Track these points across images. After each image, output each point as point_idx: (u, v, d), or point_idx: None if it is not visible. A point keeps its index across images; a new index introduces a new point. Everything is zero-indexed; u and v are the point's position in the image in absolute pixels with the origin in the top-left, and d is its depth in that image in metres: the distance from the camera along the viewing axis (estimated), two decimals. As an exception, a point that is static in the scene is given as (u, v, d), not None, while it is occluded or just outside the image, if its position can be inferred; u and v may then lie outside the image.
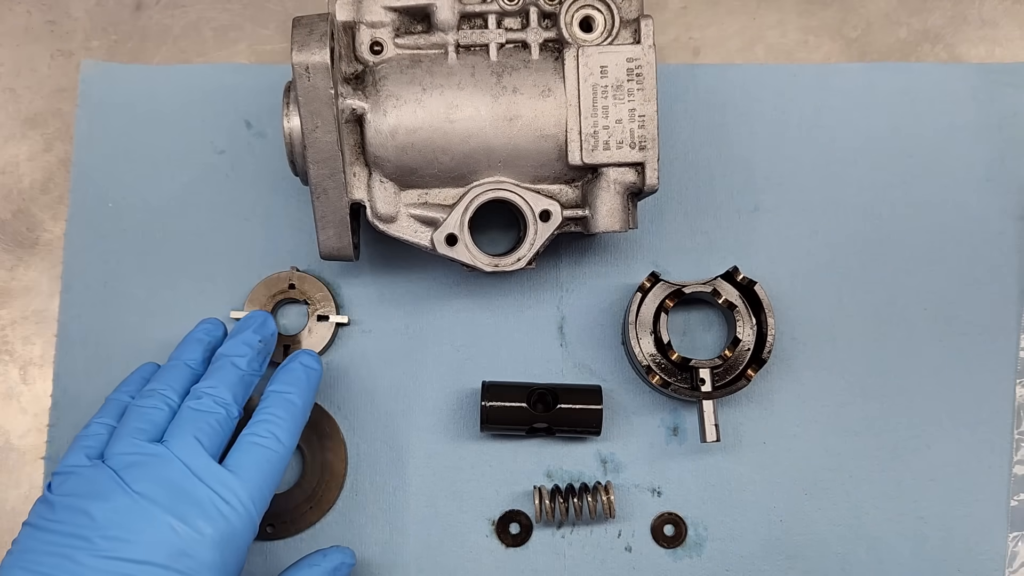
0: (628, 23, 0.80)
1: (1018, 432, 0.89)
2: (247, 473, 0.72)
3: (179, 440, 0.72)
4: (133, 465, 0.71)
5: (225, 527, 0.70)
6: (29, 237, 0.92)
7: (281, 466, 0.75)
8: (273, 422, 0.75)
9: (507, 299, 0.91)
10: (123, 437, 0.73)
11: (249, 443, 0.74)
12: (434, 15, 0.79)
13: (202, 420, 0.74)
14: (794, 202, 0.92)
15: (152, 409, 0.75)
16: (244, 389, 0.78)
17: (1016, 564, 0.87)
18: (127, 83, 0.93)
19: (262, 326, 0.81)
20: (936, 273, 0.91)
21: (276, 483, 0.75)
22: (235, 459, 0.73)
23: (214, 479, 0.71)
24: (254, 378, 0.79)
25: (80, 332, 0.90)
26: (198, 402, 0.75)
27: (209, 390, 0.76)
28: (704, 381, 0.85)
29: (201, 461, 0.72)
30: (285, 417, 0.76)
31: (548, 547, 0.88)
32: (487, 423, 0.85)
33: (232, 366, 0.78)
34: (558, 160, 0.80)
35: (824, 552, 0.88)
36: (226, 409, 0.75)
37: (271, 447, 0.74)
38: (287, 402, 0.77)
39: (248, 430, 0.75)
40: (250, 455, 0.74)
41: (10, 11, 0.95)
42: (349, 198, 0.80)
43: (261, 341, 0.80)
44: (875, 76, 0.94)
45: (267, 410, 0.76)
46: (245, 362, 0.78)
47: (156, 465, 0.71)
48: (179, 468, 0.71)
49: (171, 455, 0.71)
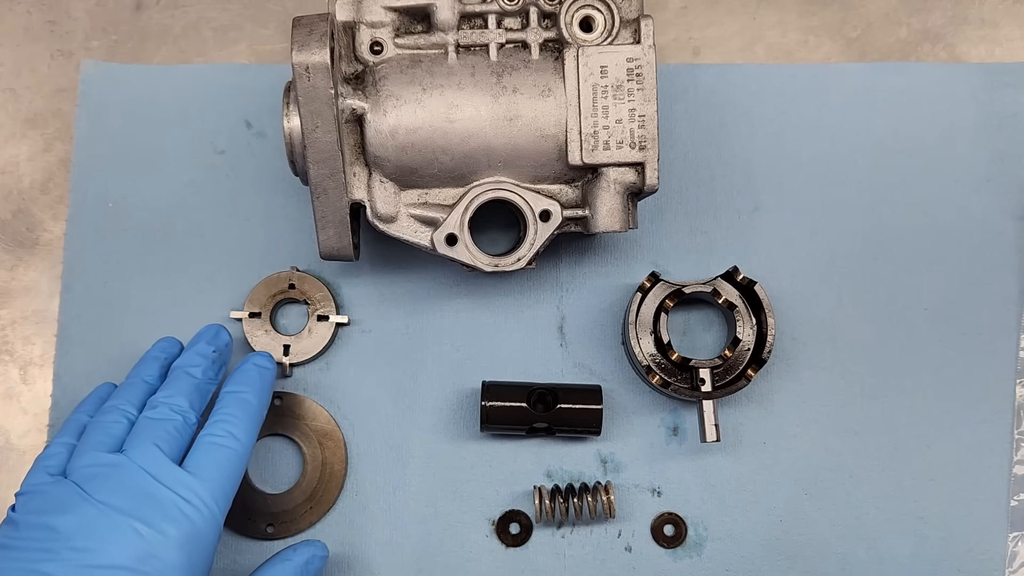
0: (628, 23, 0.80)
1: (1018, 432, 0.89)
2: (207, 473, 0.73)
3: (138, 448, 0.73)
4: (94, 477, 0.72)
5: (189, 527, 0.71)
6: (29, 237, 0.92)
7: (241, 464, 0.75)
8: (229, 421, 0.76)
9: (507, 299, 0.91)
10: (83, 451, 0.74)
11: (207, 443, 0.75)
12: (434, 15, 0.79)
13: (160, 428, 0.75)
14: (794, 202, 0.92)
15: (112, 423, 0.76)
16: (200, 397, 0.79)
17: (1016, 564, 0.87)
18: (127, 83, 0.93)
19: (215, 337, 0.83)
20: (936, 273, 0.91)
21: (237, 481, 0.75)
22: (194, 460, 0.74)
23: (175, 481, 0.72)
24: (210, 386, 0.80)
25: (80, 332, 0.90)
26: (155, 411, 0.76)
27: (165, 399, 0.77)
28: (704, 381, 0.85)
29: (161, 465, 0.72)
30: (241, 416, 0.77)
31: (548, 547, 0.88)
32: (487, 423, 0.85)
33: (187, 375, 0.79)
34: (558, 160, 0.80)
35: (824, 552, 0.88)
36: (183, 416, 0.76)
37: (229, 445, 0.75)
38: (242, 401, 0.78)
39: (205, 431, 0.76)
40: (209, 455, 0.74)
41: (10, 11, 0.95)
42: (349, 198, 0.80)
43: (215, 351, 0.82)
44: (875, 76, 0.94)
45: (223, 410, 0.77)
46: (200, 371, 0.79)
47: (117, 474, 0.72)
48: (140, 474, 0.72)
49: (131, 463, 0.72)
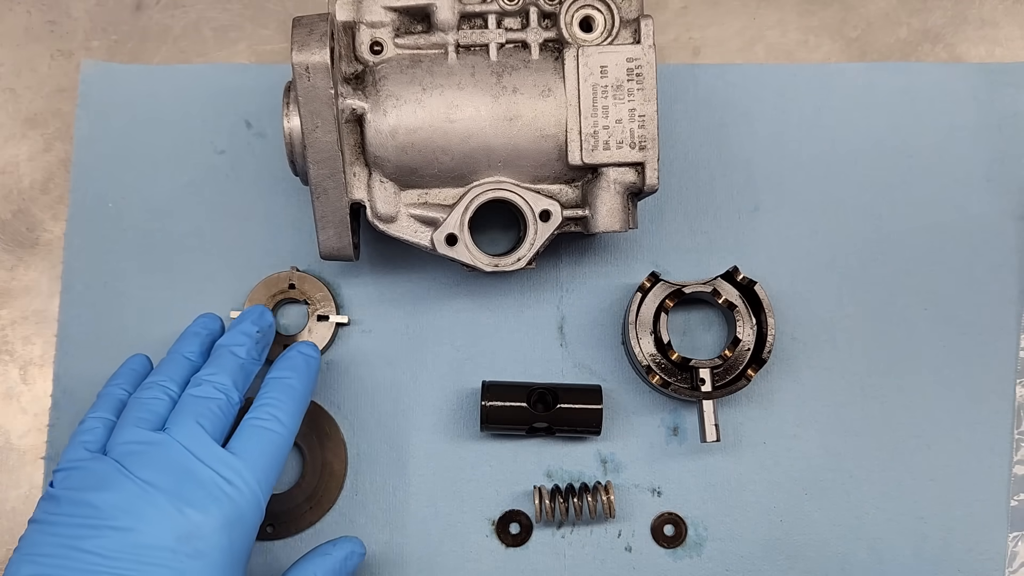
0: (628, 23, 0.80)
1: (1018, 432, 0.89)
2: (251, 455, 0.72)
3: (181, 426, 0.72)
4: (135, 454, 0.71)
5: (231, 509, 0.70)
6: (29, 237, 0.92)
7: (284, 448, 0.75)
8: (274, 405, 0.75)
9: (507, 299, 0.91)
10: (125, 427, 0.73)
11: (251, 426, 0.74)
12: (434, 15, 0.79)
13: (203, 406, 0.74)
14: (794, 202, 0.92)
15: (153, 400, 0.75)
16: (244, 377, 0.78)
17: (1016, 564, 0.87)
18: (127, 83, 0.93)
19: (260, 317, 0.82)
20: (936, 273, 0.91)
21: (280, 466, 0.75)
22: (238, 442, 0.73)
23: (218, 462, 0.71)
24: (254, 366, 0.79)
25: (80, 332, 0.90)
26: (198, 388, 0.75)
27: (209, 377, 0.76)
28: (704, 381, 0.85)
29: (204, 445, 0.72)
30: (286, 400, 0.76)
31: (548, 547, 0.88)
32: (487, 423, 0.85)
33: (231, 355, 0.78)
34: (558, 160, 0.80)
35: (824, 552, 0.88)
36: (227, 395, 0.75)
37: (273, 429, 0.74)
38: (287, 386, 0.77)
39: (250, 414, 0.75)
40: (253, 437, 0.74)
41: (10, 11, 0.95)
42: (349, 198, 0.80)
43: (259, 331, 0.80)
44: (875, 76, 0.94)
45: (268, 395, 0.76)
46: (244, 351, 0.78)
47: (159, 452, 0.71)
48: (182, 453, 0.71)
49: (173, 441, 0.71)
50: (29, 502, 0.88)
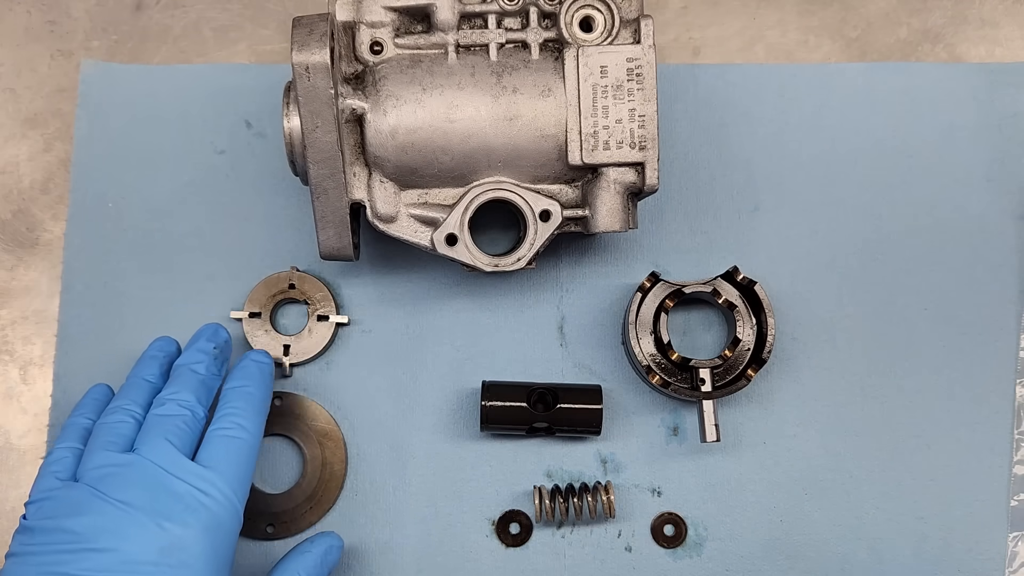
0: (628, 23, 0.80)
1: (1018, 432, 0.89)
2: (221, 464, 0.73)
3: (150, 445, 0.73)
4: (108, 476, 0.72)
5: (210, 518, 0.71)
6: (29, 237, 0.92)
7: (252, 454, 0.76)
8: (237, 414, 0.76)
9: (507, 299, 0.91)
10: (94, 452, 0.74)
11: (218, 436, 0.75)
12: (434, 15, 0.79)
13: (169, 423, 0.75)
14: (794, 202, 0.92)
15: (119, 423, 0.76)
16: (206, 392, 0.79)
17: (1016, 564, 0.87)
18: (127, 83, 0.93)
19: (215, 334, 0.83)
20: (936, 273, 0.91)
21: (251, 470, 0.76)
22: (207, 453, 0.74)
23: (190, 474, 0.72)
24: (214, 381, 0.80)
25: (80, 332, 0.90)
26: (162, 408, 0.76)
27: (172, 396, 0.77)
28: (704, 381, 0.85)
29: (175, 460, 0.72)
30: (246, 408, 0.77)
31: (548, 547, 0.88)
32: (487, 423, 0.85)
33: (191, 372, 0.79)
34: (558, 160, 0.80)
35: (824, 552, 0.88)
36: (191, 411, 0.76)
37: (239, 436, 0.75)
38: (246, 394, 0.78)
39: (214, 425, 0.76)
40: (221, 447, 0.75)
41: (10, 11, 0.95)
42: (349, 198, 0.80)
43: (216, 347, 0.82)
44: (875, 76, 0.94)
45: (228, 404, 0.77)
46: (203, 367, 0.79)
47: (131, 472, 0.72)
48: (154, 470, 0.72)
49: (145, 460, 0.72)
50: (29, 502, 0.88)
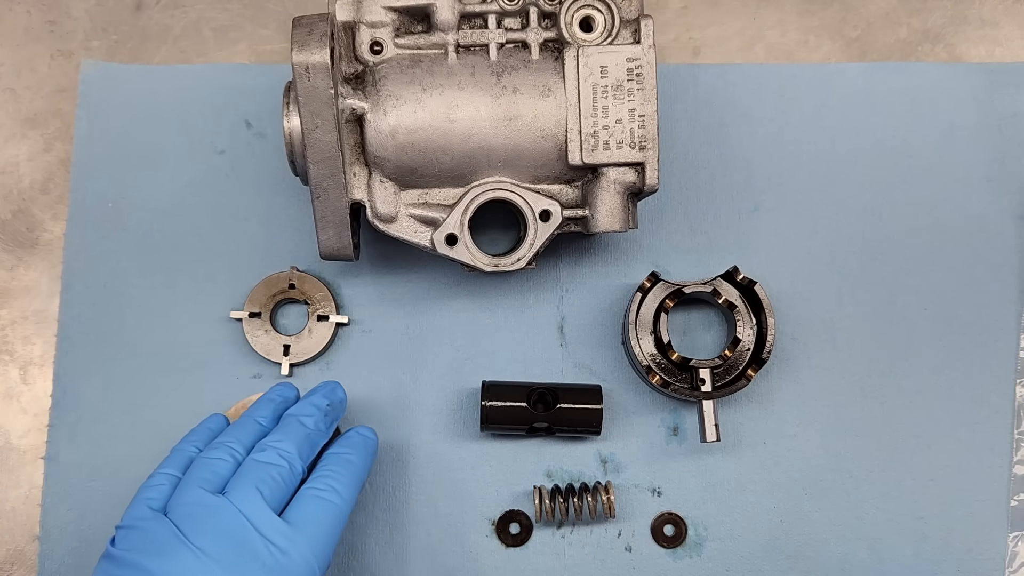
0: (628, 23, 0.80)
1: (1018, 432, 0.89)
2: (307, 526, 0.72)
3: (240, 491, 0.72)
4: (193, 517, 0.70)
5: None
6: (29, 237, 0.92)
7: (341, 521, 0.74)
8: (333, 477, 0.75)
9: (507, 299, 0.91)
10: (187, 487, 0.73)
11: (309, 496, 0.74)
12: (434, 15, 0.79)
13: (265, 472, 0.73)
14: (794, 202, 0.92)
15: (217, 460, 0.74)
16: (309, 447, 0.77)
17: (1016, 564, 0.87)
18: (127, 83, 0.93)
19: (332, 392, 0.82)
20: (936, 273, 0.91)
21: (336, 539, 0.74)
22: (295, 512, 0.72)
23: (273, 531, 0.70)
24: (320, 438, 0.78)
25: (80, 332, 0.90)
26: (263, 454, 0.74)
27: (275, 443, 0.75)
28: (704, 381, 0.85)
29: (261, 512, 0.71)
30: (344, 474, 0.76)
31: (548, 547, 0.88)
32: (487, 423, 0.85)
33: (299, 424, 0.78)
34: (558, 160, 0.80)
35: (824, 552, 0.88)
36: (289, 463, 0.74)
37: (331, 500, 0.74)
38: (346, 461, 0.77)
39: (309, 483, 0.75)
40: (310, 507, 0.73)
41: (10, 11, 0.95)
42: (349, 198, 0.80)
43: (329, 404, 0.80)
44: (875, 76, 0.94)
45: (326, 467, 0.76)
46: (312, 421, 0.78)
47: (215, 517, 0.70)
48: (239, 520, 0.70)
49: (231, 506, 0.71)
50: (29, 502, 0.88)
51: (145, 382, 0.89)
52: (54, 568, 0.86)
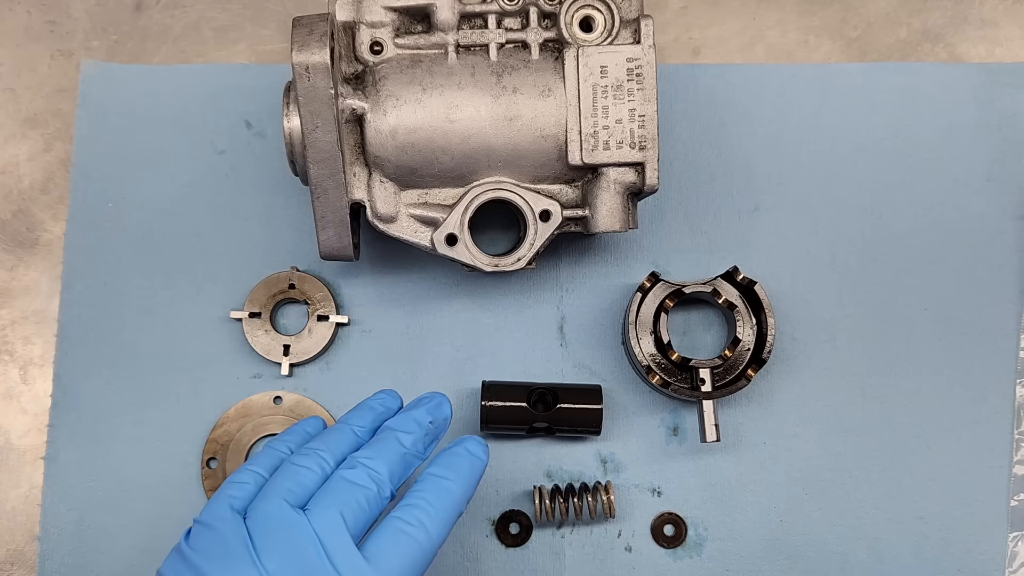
0: (628, 23, 0.80)
1: (1018, 432, 0.89)
2: (386, 564, 0.66)
3: (322, 513, 0.67)
4: (269, 531, 0.66)
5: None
6: (29, 237, 0.92)
7: (427, 561, 0.67)
8: (424, 508, 0.68)
9: (507, 299, 0.91)
10: (270, 495, 0.68)
11: (394, 529, 0.67)
12: (434, 15, 0.79)
13: (351, 494, 0.68)
14: (794, 202, 0.92)
15: (305, 470, 0.70)
16: (403, 468, 0.71)
17: (1016, 564, 0.87)
18: (127, 83, 0.93)
19: (437, 408, 0.76)
20: (936, 273, 0.91)
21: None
22: (375, 545, 0.66)
23: (348, 566, 0.65)
24: (416, 460, 0.73)
25: (80, 332, 0.90)
26: (351, 472, 0.69)
27: (366, 461, 0.70)
28: (704, 381, 0.85)
29: (339, 542, 0.66)
30: (438, 505, 0.69)
31: (548, 547, 0.88)
32: (487, 423, 0.85)
33: (396, 441, 0.72)
34: (558, 160, 0.80)
35: (824, 552, 0.88)
36: (379, 486, 0.69)
37: (418, 537, 0.67)
38: (443, 489, 0.70)
39: (395, 513, 0.68)
40: (393, 542, 0.67)
41: (10, 11, 0.95)
42: (349, 198, 0.80)
43: (432, 423, 0.74)
44: (875, 76, 0.94)
45: (419, 494, 0.69)
46: (410, 440, 0.72)
47: (291, 537, 0.66)
48: (314, 545, 0.65)
49: (310, 528, 0.66)
50: (29, 502, 0.88)
51: (145, 382, 0.89)
52: (54, 568, 0.86)
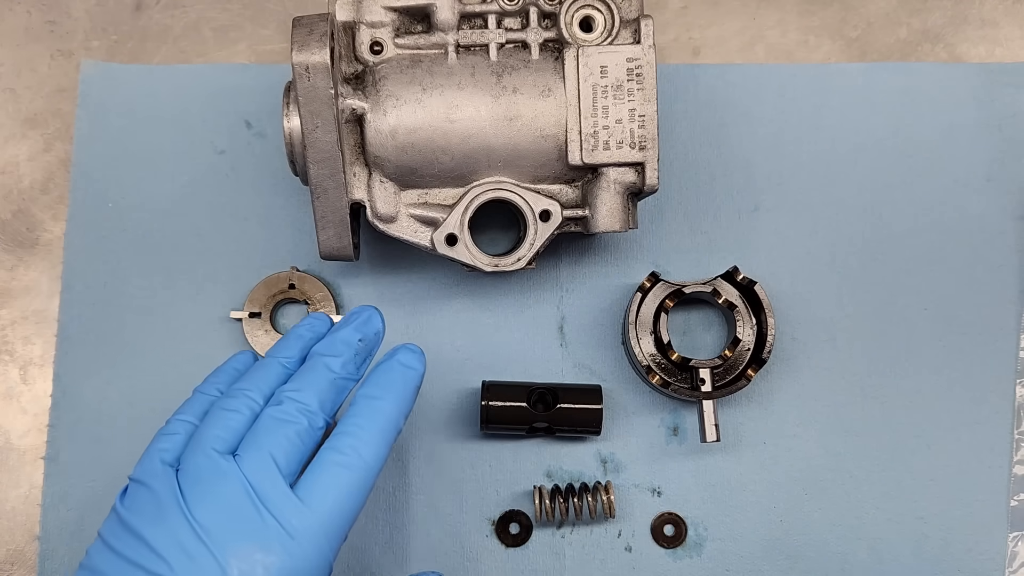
0: (628, 23, 0.80)
1: (1018, 432, 0.89)
2: (321, 500, 0.64)
3: (251, 456, 0.65)
4: (199, 483, 0.64)
5: (288, 565, 0.62)
6: (29, 237, 0.92)
7: (364, 490, 0.66)
8: (356, 435, 0.67)
9: (507, 299, 0.91)
10: (198, 445, 0.66)
11: (327, 462, 0.66)
12: (434, 15, 0.79)
13: (280, 432, 0.66)
14: (794, 202, 0.92)
15: (233, 413, 0.68)
16: (335, 395, 0.69)
17: (1016, 564, 0.87)
18: (127, 83, 0.93)
19: (365, 323, 0.73)
20: (936, 273, 0.91)
21: (358, 510, 0.66)
22: (310, 482, 0.65)
23: (281, 507, 0.63)
24: (348, 383, 0.71)
25: (80, 332, 0.90)
26: (279, 409, 0.67)
27: (293, 394, 0.68)
28: (704, 381, 0.85)
29: (270, 484, 0.64)
30: (371, 429, 0.67)
31: (548, 547, 0.88)
32: (487, 423, 0.85)
33: (324, 368, 0.70)
34: (558, 160, 0.80)
35: (824, 552, 0.88)
36: (309, 418, 0.67)
37: (352, 466, 0.66)
38: (376, 411, 0.68)
39: (328, 444, 0.67)
40: (327, 476, 0.65)
41: (10, 11, 0.95)
42: (349, 198, 0.80)
43: (362, 340, 0.72)
44: (875, 76, 0.94)
45: (351, 420, 0.68)
46: (339, 363, 0.70)
47: (221, 483, 0.64)
48: (246, 492, 0.64)
49: (240, 474, 0.64)
50: (29, 502, 0.88)
51: (145, 382, 0.89)
52: (54, 568, 0.86)
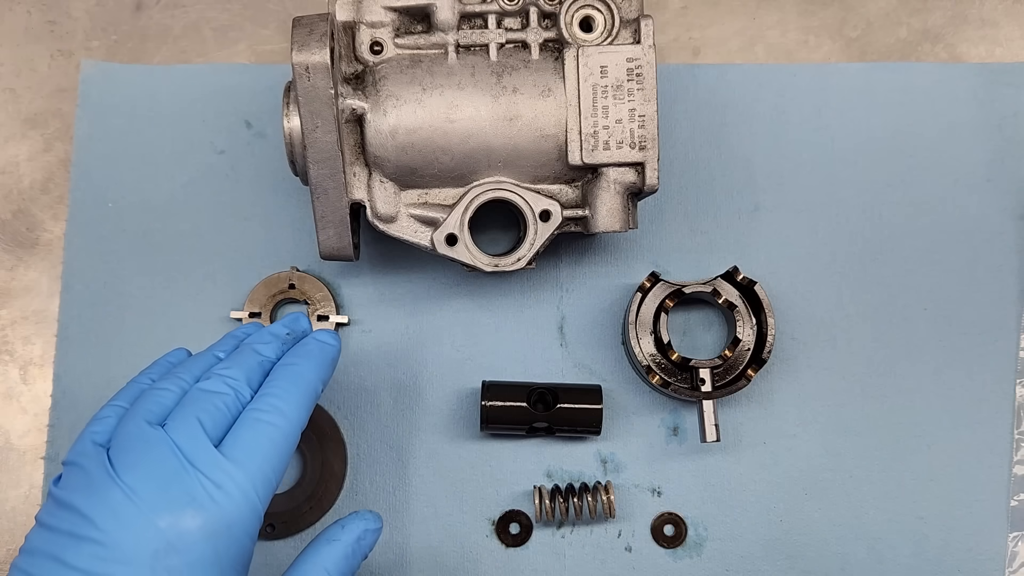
0: (628, 23, 0.80)
1: (1018, 432, 0.89)
2: (246, 454, 0.66)
3: (178, 422, 0.67)
4: (128, 450, 0.66)
5: (217, 517, 0.64)
6: (29, 237, 0.92)
7: (287, 444, 0.68)
8: (276, 394, 0.69)
9: (507, 299, 0.91)
10: (129, 419, 0.68)
11: (250, 419, 0.68)
12: (434, 15, 0.79)
13: (208, 401, 0.68)
14: (794, 202, 0.92)
15: (163, 391, 0.70)
16: (260, 373, 0.72)
17: (1016, 564, 0.87)
18: (127, 83, 0.93)
19: (294, 321, 0.78)
20: (936, 273, 0.91)
21: (282, 463, 0.68)
22: (233, 439, 0.67)
23: (207, 463, 0.65)
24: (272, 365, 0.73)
25: (80, 332, 0.90)
26: (207, 382, 0.70)
27: (221, 371, 0.71)
28: (704, 381, 0.85)
29: (196, 444, 0.66)
30: (291, 389, 0.70)
31: (548, 547, 0.88)
32: (487, 423, 0.85)
33: (252, 352, 0.73)
34: (558, 160, 0.80)
35: (824, 552, 0.88)
36: (236, 391, 0.69)
37: (274, 422, 0.68)
38: (294, 374, 0.71)
39: (251, 406, 0.69)
40: (250, 432, 0.67)
41: (10, 11, 0.95)
42: (349, 198, 0.80)
43: (289, 333, 0.76)
44: (875, 76, 0.94)
45: (271, 383, 0.70)
46: (268, 349, 0.73)
47: (149, 450, 0.66)
48: (172, 453, 0.65)
49: (167, 439, 0.66)
50: (29, 502, 0.88)
51: (145, 382, 0.89)
52: (54, 568, 0.86)
